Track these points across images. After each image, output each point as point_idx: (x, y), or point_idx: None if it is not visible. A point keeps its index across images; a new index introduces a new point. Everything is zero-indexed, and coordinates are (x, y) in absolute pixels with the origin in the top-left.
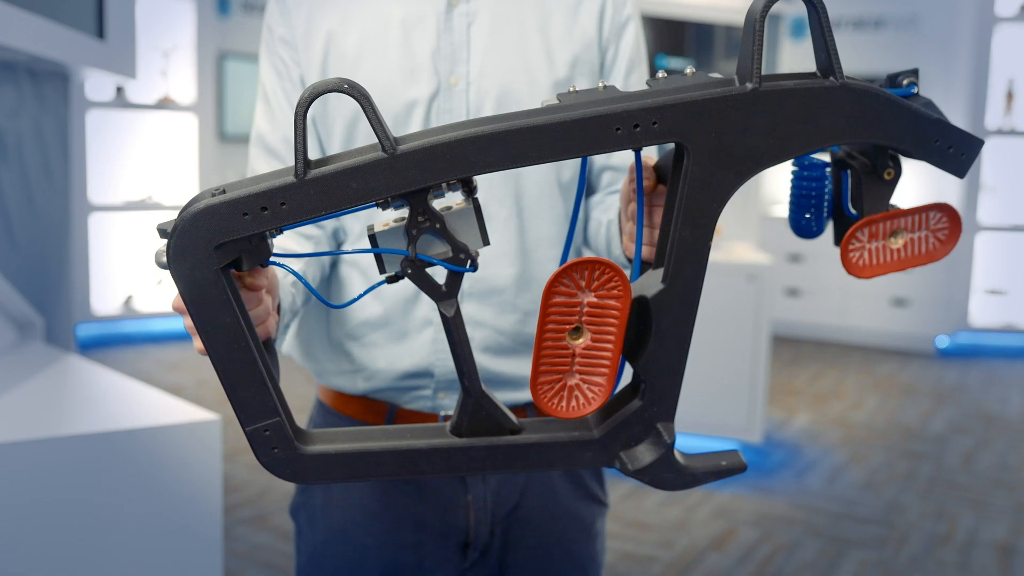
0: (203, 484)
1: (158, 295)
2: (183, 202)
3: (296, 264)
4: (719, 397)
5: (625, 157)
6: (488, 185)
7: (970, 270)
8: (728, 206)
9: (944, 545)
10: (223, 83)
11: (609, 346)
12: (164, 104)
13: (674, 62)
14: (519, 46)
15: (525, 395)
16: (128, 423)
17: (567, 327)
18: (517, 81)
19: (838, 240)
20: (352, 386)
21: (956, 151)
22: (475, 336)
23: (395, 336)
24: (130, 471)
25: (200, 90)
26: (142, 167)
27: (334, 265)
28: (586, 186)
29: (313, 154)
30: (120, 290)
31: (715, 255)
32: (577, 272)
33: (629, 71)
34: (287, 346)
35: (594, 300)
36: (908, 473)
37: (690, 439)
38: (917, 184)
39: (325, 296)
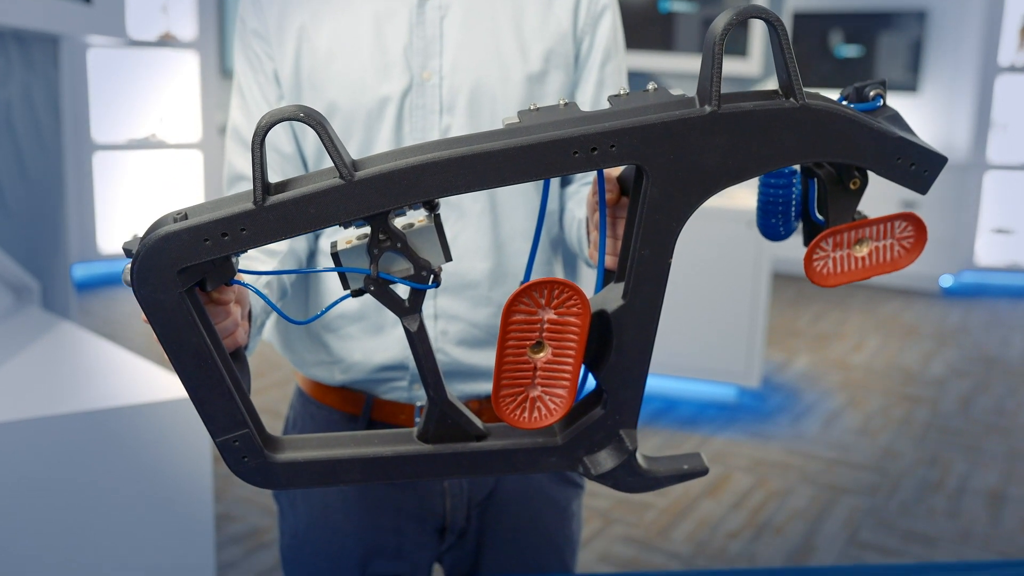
0: (193, 459)
1: None
2: (187, 140)
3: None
4: (718, 342)
5: None
6: None
7: (977, 209)
8: None
9: (935, 492)
10: (224, 18)
11: (570, 360)
12: (165, 41)
13: (678, 5)
14: (492, 40)
15: None
16: (118, 400)
17: (527, 343)
18: (490, 75)
19: (806, 242)
20: (330, 377)
21: (919, 168)
22: (449, 329)
23: (371, 330)
24: (120, 448)
25: (201, 26)
26: (145, 105)
27: (311, 256)
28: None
29: (290, 148)
30: (126, 228)
31: (715, 200)
32: (536, 291)
33: (605, 61)
34: (267, 333)
35: (554, 317)
36: (904, 418)
37: (688, 384)
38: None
39: (303, 283)
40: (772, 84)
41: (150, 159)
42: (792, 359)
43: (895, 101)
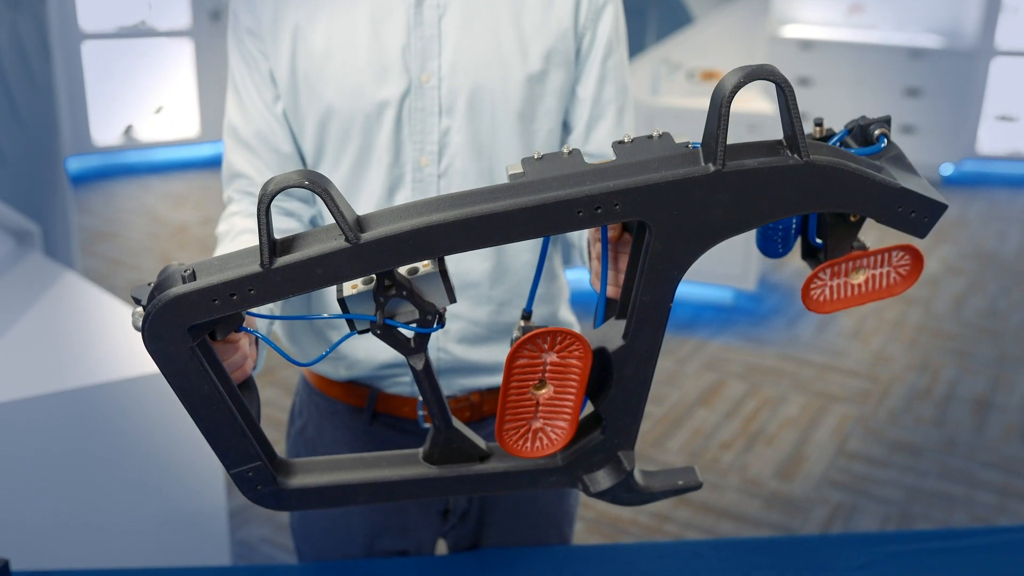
0: None
1: (159, 124)
2: (177, 27)
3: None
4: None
5: None
6: (461, 180)
7: (982, 96)
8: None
9: (923, 400)
10: None
11: (571, 397)
12: None
13: None
14: (492, 39)
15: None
16: (125, 371)
17: (531, 383)
18: (490, 77)
19: (804, 256)
20: (335, 372)
21: (919, 216)
22: (451, 328)
23: None
24: (133, 419)
25: None
26: None
27: None
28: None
29: (288, 148)
30: (119, 119)
31: None
32: (540, 339)
33: (607, 56)
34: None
35: (556, 360)
36: (897, 320)
37: (685, 286)
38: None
39: None
40: None
41: (140, 47)
42: (789, 256)
43: None
